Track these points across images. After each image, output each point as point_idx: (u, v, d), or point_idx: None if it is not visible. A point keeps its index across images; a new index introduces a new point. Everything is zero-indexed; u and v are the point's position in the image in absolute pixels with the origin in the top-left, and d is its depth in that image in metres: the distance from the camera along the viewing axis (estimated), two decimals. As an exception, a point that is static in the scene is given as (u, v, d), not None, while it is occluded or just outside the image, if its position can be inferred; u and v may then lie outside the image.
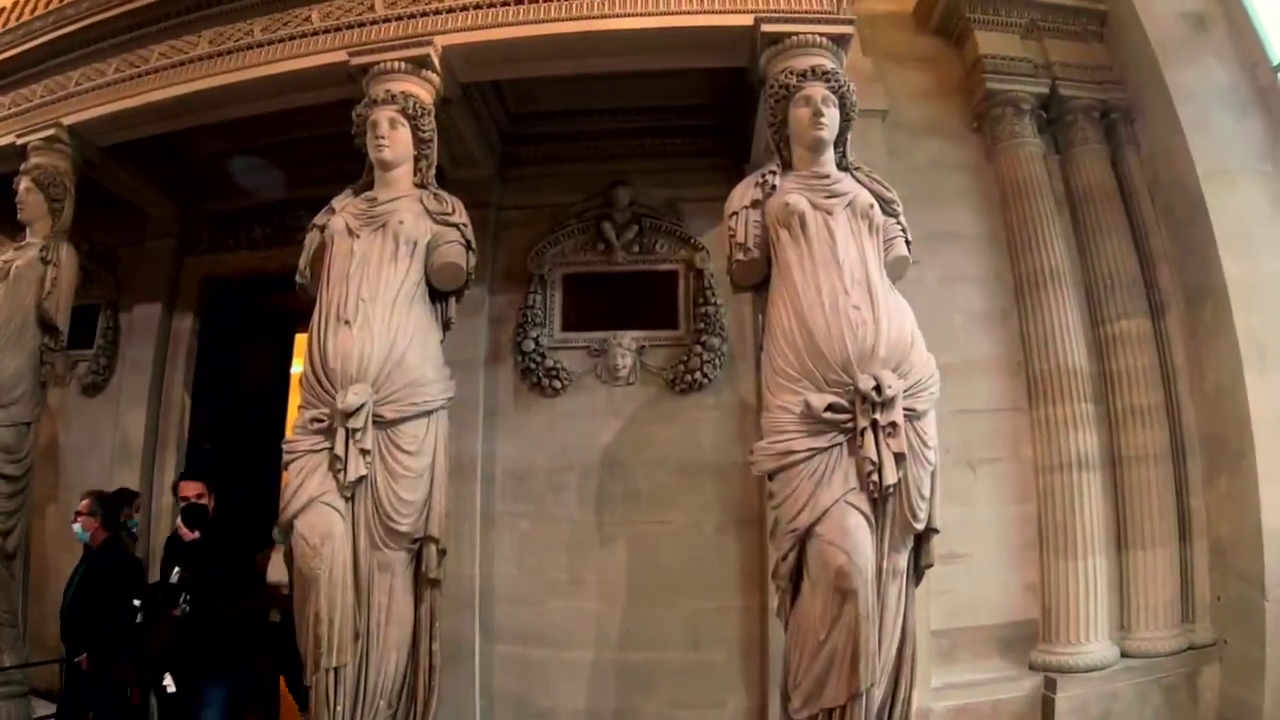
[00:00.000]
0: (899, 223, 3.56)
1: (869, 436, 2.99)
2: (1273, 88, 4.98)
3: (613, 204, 5.15)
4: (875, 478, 2.97)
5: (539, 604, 4.75)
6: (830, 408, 3.04)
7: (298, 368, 5.04)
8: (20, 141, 4.77)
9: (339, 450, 3.24)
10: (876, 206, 3.44)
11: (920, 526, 3.14)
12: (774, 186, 3.50)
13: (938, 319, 4.50)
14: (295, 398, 3.85)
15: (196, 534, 4.09)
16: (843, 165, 3.63)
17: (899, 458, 3.00)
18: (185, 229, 6.02)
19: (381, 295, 3.47)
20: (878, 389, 2.99)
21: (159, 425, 5.72)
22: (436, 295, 3.78)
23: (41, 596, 5.04)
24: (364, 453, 3.26)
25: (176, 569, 4.08)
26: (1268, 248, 4.68)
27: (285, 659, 4.09)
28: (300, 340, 5.32)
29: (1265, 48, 5.04)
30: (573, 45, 3.95)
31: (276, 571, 4.99)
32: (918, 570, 3.30)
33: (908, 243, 3.58)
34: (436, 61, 3.95)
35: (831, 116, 3.53)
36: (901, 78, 5.52)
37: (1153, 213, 5.31)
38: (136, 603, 4.22)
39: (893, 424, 3.00)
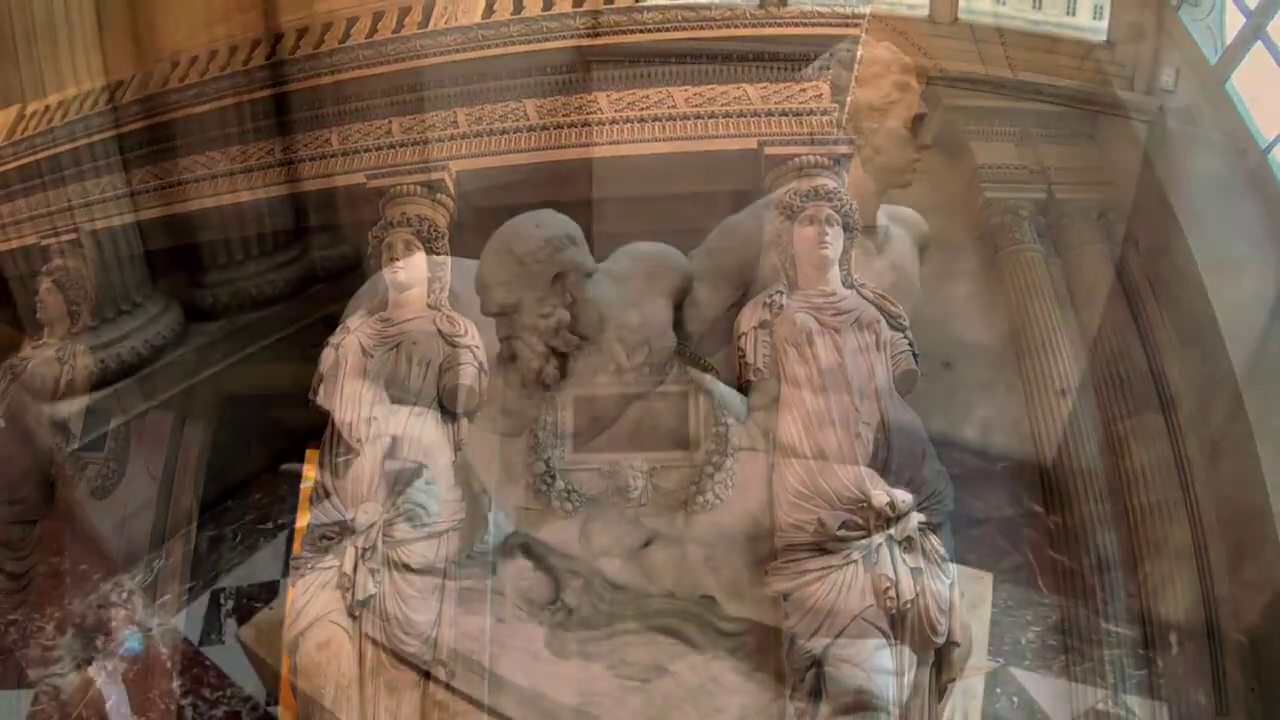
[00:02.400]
0: (906, 337, 3.59)
1: (884, 552, 2.97)
2: (1262, 170, 5.01)
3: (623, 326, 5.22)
4: (892, 594, 2.93)
5: (552, 728, 4.60)
6: (844, 525, 3.02)
7: (308, 483, 5.00)
8: (44, 243, 4.89)
9: (347, 568, 3.23)
10: (883, 322, 3.50)
11: (940, 641, 3.07)
12: (781, 306, 3.55)
13: (948, 429, 4.48)
14: (304, 513, 3.84)
15: None
16: (848, 283, 3.69)
17: (915, 572, 2.97)
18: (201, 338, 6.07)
19: (394, 415, 3.52)
20: (891, 504, 2.99)
21: (165, 534, 5.64)
22: (448, 416, 3.82)
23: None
24: (373, 572, 3.24)
25: None
26: (1273, 332, 4.67)
27: None
28: (311, 456, 5.31)
29: (1252, 132, 5.10)
30: (582, 171, 4.09)
31: None
32: (940, 685, 3.20)
33: (915, 356, 3.60)
34: (451, 186, 4.09)
35: (836, 235, 3.61)
36: (901, 193, 5.66)
37: (1156, 307, 5.32)
38: None
39: (908, 539, 2.99)
